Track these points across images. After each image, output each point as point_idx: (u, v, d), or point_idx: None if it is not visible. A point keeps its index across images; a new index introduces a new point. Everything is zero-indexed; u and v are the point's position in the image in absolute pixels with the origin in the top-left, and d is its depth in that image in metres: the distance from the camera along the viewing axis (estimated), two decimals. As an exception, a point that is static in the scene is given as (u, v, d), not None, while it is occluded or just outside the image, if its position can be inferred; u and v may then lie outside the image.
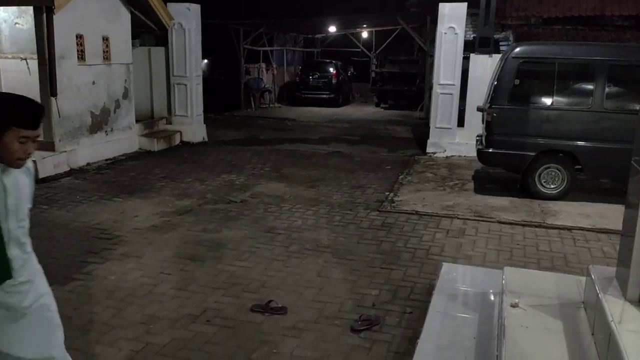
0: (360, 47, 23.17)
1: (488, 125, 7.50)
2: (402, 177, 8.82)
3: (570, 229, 6.29)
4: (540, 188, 7.46)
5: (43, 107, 2.28)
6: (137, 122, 10.70)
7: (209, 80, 15.41)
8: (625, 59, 7.23)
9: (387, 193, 7.78)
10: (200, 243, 5.63)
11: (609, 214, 6.69)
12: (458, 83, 10.58)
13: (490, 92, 7.58)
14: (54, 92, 8.33)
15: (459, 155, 10.56)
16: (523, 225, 6.39)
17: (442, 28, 10.51)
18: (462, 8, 10.41)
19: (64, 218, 6.33)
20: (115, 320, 3.98)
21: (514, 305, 3.43)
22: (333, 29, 22.29)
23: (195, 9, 11.39)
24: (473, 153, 8.56)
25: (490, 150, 7.59)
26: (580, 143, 7.21)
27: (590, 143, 7.16)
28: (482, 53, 10.43)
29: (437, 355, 3.48)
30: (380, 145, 11.91)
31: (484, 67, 10.07)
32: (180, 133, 11.50)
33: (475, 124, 9.12)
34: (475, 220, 6.57)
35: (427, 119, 13.37)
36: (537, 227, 6.36)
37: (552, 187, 7.44)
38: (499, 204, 7.24)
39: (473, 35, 12.36)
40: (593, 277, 3.29)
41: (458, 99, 10.65)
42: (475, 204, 7.24)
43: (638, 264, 2.92)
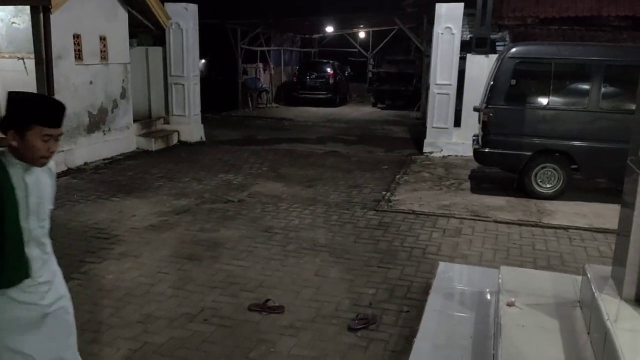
0: (358, 47, 23.19)
1: (484, 125, 7.53)
2: (398, 176, 8.84)
3: (567, 229, 6.31)
4: (537, 187, 7.49)
5: (65, 105, 2.28)
6: (134, 121, 10.69)
7: (207, 80, 15.40)
8: (622, 59, 7.26)
9: (384, 192, 7.80)
10: (198, 242, 5.64)
11: (605, 214, 6.72)
12: (455, 83, 10.60)
13: (487, 92, 7.60)
14: (51, 91, 8.29)
15: (456, 155, 10.59)
16: (519, 225, 6.42)
17: (438, 28, 10.53)
18: (458, 8, 10.43)
19: (62, 218, 6.31)
20: (113, 320, 3.99)
21: (510, 304, 3.44)
22: (330, 29, 22.30)
23: (193, 9, 11.39)
24: (469, 153, 8.58)
25: (487, 150, 7.62)
26: (576, 143, 7.24)
27: (586, 143, 7.19)
28: (478, 53, 10.45)
29: (433, 354, 3.49)
30: (377, 145, 11.93)
31: (481, 67, 10.09)
32: (178, 133, 11.50)
33: (472, 124, 9.15)
34: (472, 220, 6.59)
35: (423, 119, 13.40)
36: (533, 226, 6.39)
37: (548, 186, 7.47)
38: (496, 204, 7.27)
39: (470, 36, 12.37)
40: (589, 276, 3.31)
41: (455, 99, 10.67)
42: (472, 204, 7.27)
43: (634, 263, 2.94)
